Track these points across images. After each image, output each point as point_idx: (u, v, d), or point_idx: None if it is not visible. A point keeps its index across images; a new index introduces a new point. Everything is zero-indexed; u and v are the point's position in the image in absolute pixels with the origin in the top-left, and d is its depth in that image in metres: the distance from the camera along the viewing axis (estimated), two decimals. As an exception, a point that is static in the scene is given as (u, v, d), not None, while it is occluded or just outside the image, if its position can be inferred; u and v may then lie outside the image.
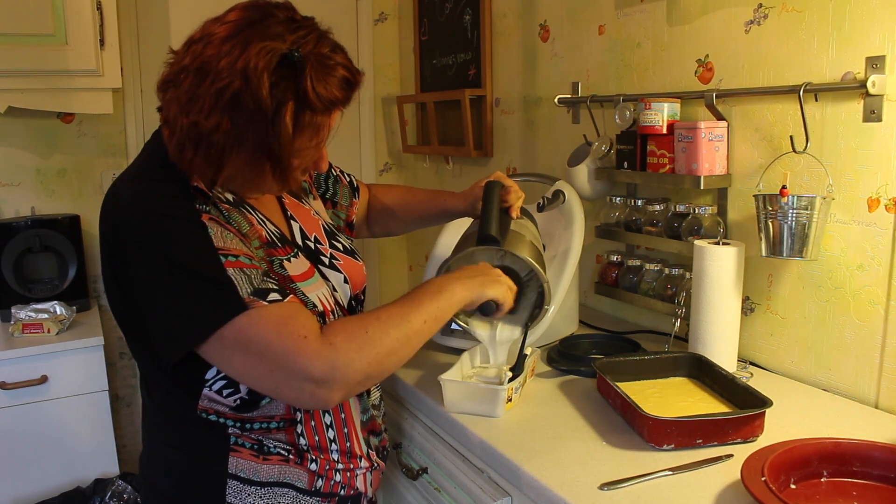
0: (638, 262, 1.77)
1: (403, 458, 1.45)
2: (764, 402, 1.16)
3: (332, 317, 1.12)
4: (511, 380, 1.28)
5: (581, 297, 1.87)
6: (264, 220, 1.12)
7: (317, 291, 1.10)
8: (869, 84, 1.24)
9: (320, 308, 1.09)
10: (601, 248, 1.97)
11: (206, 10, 1.05)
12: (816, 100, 1.35)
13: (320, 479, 1.12)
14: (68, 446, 2.19)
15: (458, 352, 1.45)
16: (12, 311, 2.21)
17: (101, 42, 2.27)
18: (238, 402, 1.04)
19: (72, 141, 2.58)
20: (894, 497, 1.00)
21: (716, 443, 1.14)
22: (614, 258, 1.83)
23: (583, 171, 1.82)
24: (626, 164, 1.71)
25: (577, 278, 1.66)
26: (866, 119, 1.29)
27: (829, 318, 1.39)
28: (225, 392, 1.03)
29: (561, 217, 1.65)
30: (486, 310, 1.16)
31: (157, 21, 2.58)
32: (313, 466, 1.11)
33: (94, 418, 2.22)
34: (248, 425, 1.07)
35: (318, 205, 1.35)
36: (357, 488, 1.17)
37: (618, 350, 1.57)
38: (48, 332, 2.19)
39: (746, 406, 1.18)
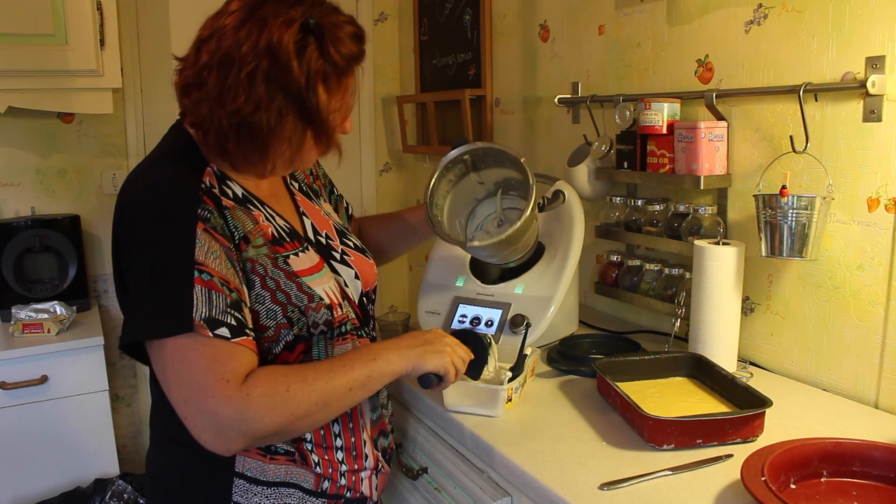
0: (638, 262, 1.76)
1: (404, 458, 1.45)
2: (764, 402, 1.16)
3: (339, 310, 1.12)
4: (511, 380, 1.28)
5: (581, 297, 1.87)
6: (274, 215, 1.12)
7: (324, 285, 1.10)
8: (869, 84, 1.24)
9: (327, 301, 1.09)
10: (601, 248, 1.97)
11: (205, 10, 1.06)
12: (816, 100, 1.35)
13: (326, 481, 1.12)
14: (68, 446, 2.19)
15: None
16: (12, 311, 2.21)
17: (101, 42, 2.27)
18: None
19: (72, 141, 2.58)
20: (894, 497, 1.00)
21: (716, 443, 1.14)
22: (614, 258, 1.83)
23: (583, 171, 1.82)
24: (626, 164, 1.70)
25: (577, 278, 1.66)
26: (866, 119, 1.29)
27: (829, 318, 1.39)
28: None
29: (561, 217, 1.65)
30: (425, 382, 1.11)
31: (157, 21, 2.57)
32: (318, 469, 1.11)
33: (94, 418, 2.22)
34: None
35: (328, 207, 1.35)
36: (362, 492, 1.17)
37: (618, 350, 1.57)
38: (48, 332, 2.19)
39: (746, 406, 1.18)
